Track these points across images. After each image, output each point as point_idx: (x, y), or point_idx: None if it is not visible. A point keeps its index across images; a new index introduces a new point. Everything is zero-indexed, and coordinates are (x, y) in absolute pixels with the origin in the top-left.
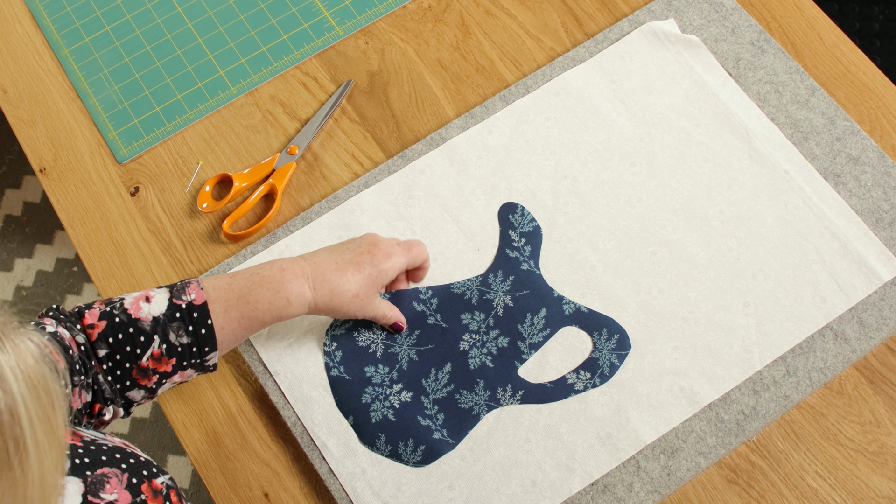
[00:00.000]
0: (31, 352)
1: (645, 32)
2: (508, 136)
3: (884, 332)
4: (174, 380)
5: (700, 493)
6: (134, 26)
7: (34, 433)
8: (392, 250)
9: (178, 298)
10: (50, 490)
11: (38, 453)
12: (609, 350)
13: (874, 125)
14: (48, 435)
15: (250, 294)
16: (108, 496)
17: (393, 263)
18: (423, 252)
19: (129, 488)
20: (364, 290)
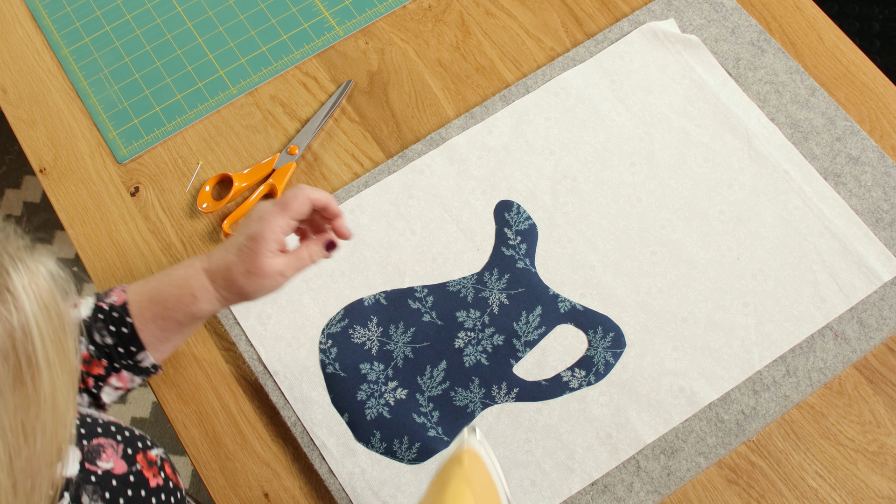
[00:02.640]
0: (43, 274)
1: (645, 32)
2: (508, 136)
3: (884, 332)
4: (114, 384)
5: (700, 493)
6: (134, 26)
7: (46, 352)
8: (263, 213)
9: (101, 301)
10: (62, 412)
11: (49, 373)
12: (604, 348)
13: (874, 125)
14: (60, 356)
15: (160, 293)
16: (104, 464)
17: (268, 224)
18: (301, 199)
19: (124, 458)
20: (250, 264)
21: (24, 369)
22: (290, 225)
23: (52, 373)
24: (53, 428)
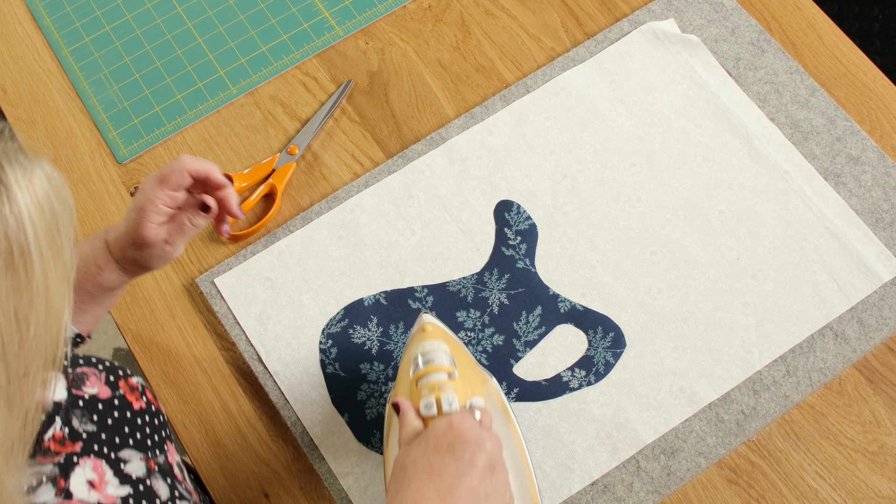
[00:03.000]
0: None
1: (645, 32)
2: (508, 136)
3: (884, 332)
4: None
5: (700, 493)
6: (134, 26)
7: (39, 245)
8: (145, 186)
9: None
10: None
11: (42, 265)
12: (604, 348)
13: (874, 125)
14: (53, 251)
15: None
16: (90, 389)
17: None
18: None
19: (107, 384)
20: (135, 235)
21: (16, 257)
22: (172, 196)
23: (44, 266)
24: (47, 320)
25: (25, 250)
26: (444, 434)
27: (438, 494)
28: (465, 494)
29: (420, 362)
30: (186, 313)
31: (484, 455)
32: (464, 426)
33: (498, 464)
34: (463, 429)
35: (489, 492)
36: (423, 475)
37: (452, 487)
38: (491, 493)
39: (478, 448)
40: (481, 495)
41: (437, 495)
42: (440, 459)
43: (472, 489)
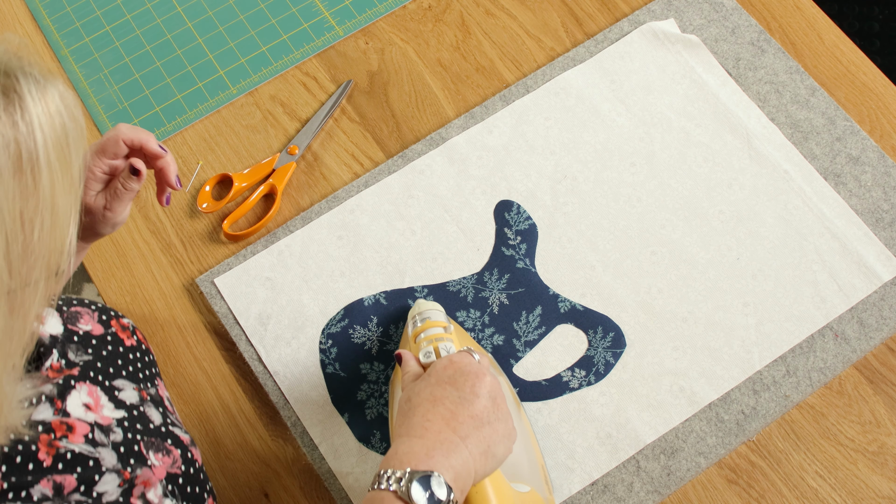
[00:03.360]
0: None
1: (645, 32)
2: (508, 136)
3: (884, 332)
4: None
5: (700, 493)
6: (134, 26)
7: (48, 154)
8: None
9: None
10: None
11: (49, 174)
12: (604, 348)
13: (874, 125)
14: (61, 163)
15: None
16: (84, 326)
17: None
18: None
19: (100, 322)
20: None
21: (25, 163)
22: (109, 164)
23: (52, 175)
24: (52, 228)
25: (34, 157)
26: (444, 368)
27: (442, 419)
28: (468, 419)
29: (417, 320)
30: (186, 313)
31: (484, 385)
32: (463, 361)
33: (498, 395)
34: (463, 363)
35: (491, 419)
36: (427, 404)
37: (455, 413)
38: (493, 420)
39: (478, 379)
40: (484, 421)
41: (441, 420)
42: (442, 390)
43: (475, 415)
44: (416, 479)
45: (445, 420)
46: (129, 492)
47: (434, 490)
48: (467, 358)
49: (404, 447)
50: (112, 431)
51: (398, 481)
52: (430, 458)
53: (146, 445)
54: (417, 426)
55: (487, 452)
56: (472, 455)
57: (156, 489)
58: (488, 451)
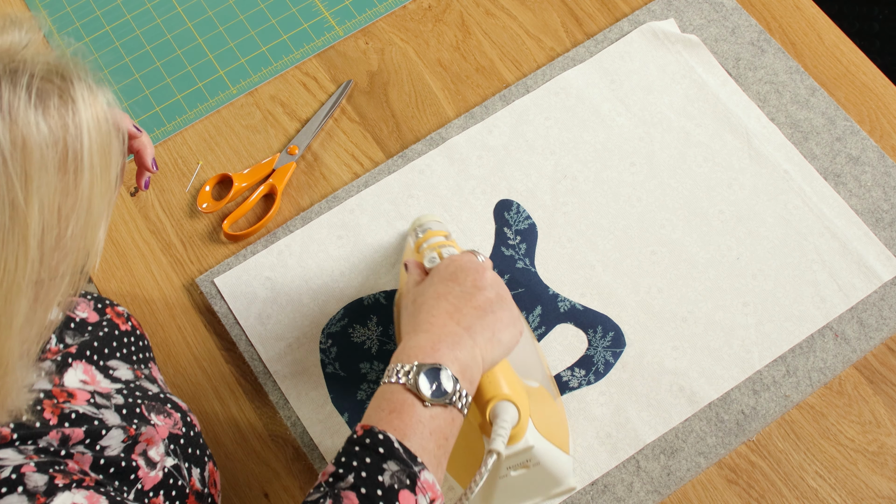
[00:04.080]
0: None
1: (645, 32)
2: (508, 135)
3: (884, 332)
4: None
5: (700, 493)
6: (134, 26)
7: (91, 157)
8: None
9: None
10: (95, 219)
11: (90, 175)
12: (604, 347)
13: (874, 125)
14: (102, 167)
15: None
16: (80, 314)
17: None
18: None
19: (96, 310)
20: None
21: (70, 162)
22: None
23: (92, 176)
24: (85, 226)
25: (79, 157)
26: (446, 267)
27: (447, 313)
28: (472, 311)
29: (419, 232)
30: (186, 313)
31: (486, 278)
32: (464, 259)
33: (501, 287)
34: (464, 260)
35: (495, 307)
36: (432, 301)
37: (459, 306)
38: (497, 309)
39: (478, 273)
40: (487, 310)
41: (446, 313)
42: (445, 286)
43: (478, 306)
44: (424, 372)
45: (449, 314)
46: (132, 448)
47: (441, 381)
48: (468, 256)
49: (412, 342)
50: (112, 397)
51: (406, 374)
52: (435, 351)
53: (147, 408)
54: (423, 322)
55: (493, 339)
56: (477, 344)
57: (158, 447)
58: (494, 338)
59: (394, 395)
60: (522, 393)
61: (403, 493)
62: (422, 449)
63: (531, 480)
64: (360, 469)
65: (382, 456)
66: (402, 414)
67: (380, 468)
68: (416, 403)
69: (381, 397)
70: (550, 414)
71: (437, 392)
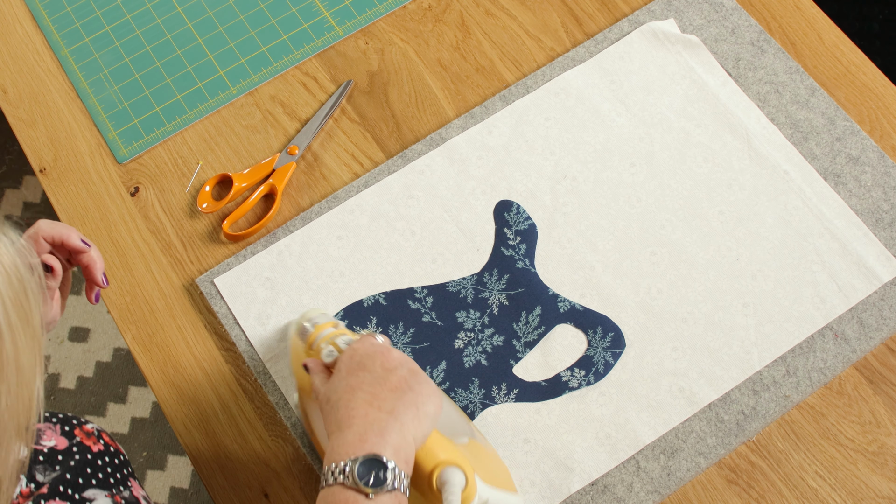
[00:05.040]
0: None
1: (645, 32)
2: (508, 136)
3: (884, 332)
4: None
5: (700, 493)
6: (134, 26)
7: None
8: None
9: None
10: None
11: (11, 335)
12: (604, 348)
13: (874, 125)
14: (21, 320)
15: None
16: (47, 443)
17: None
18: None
19: (63, 434)
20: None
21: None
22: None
23: (14, 335)
24: (18, 390)
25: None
26: (350, 358)
27: (365, 402)
28: (390, 394)
29: (308, 328)
30: (186, 313)
31: (393, 359)
32: (365, 344)
33: (409, 363)
34: (365, 346)
35: (411, 384)
36: (347, 395)
37: (376, 392)
38: (414, 385)
39: (385, 356)
40: (404, 389)
41: (365, 403)
42: (355, 377)
43: (395, 387)
44: (359, 465)
45: (368, 402)
46: None
47: (379, 470)
48: (368, 340)
49: (339, 440)
50: None
51: (343, 473)
52: (365, 442)
53: None
54: (344, 418)
55: (419, 414)
56: (404, 424)
57: None
58: (419, 413)
59: (336, 497)
60: (460, 453)
61: None
62: None
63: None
64: None
65: None
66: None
67: None
68: (360, 499)
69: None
70: (488, 462)
71: (377, 481)
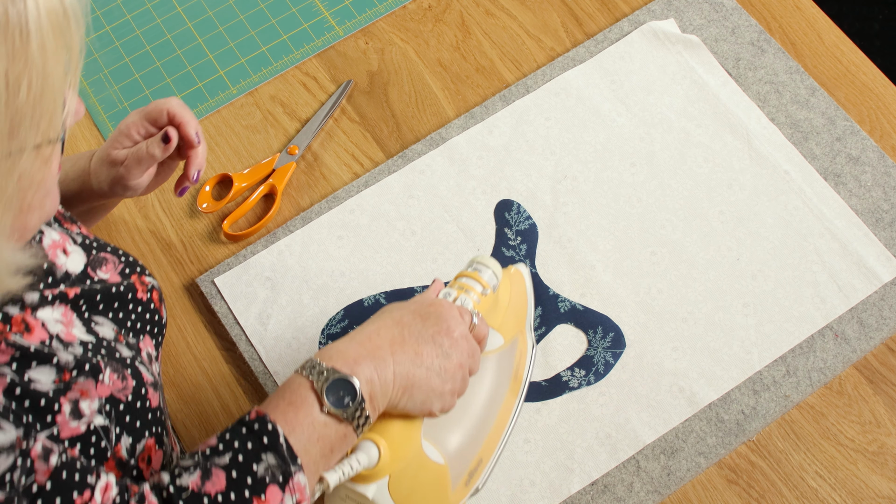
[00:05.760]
0: None
1: (645, 32)
2: (508, 136)
3: (884, 332)
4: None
5: (700, 493)
6: (134, 26)
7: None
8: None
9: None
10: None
11: (41, 40)
12: (604, 348)
13: (874, 125)
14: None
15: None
16: (103, 274)
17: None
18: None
19: (120, 274)
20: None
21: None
22: (147, 129)
23: (43, 42)
24: (40, 93)
25: (23, 22)
26: (428, 304)
27: (390, 339)
28: (412, 354)
29: (471, 267)
30: (186, 313)
31: (450, 342)
32: (450, 311)
33: (458, 359)
34: (446, 311)
35: (433, 368)
36: (389, 321)
37: (405, 341)
38: (433, 372)
39: (447, 332)
40: (425, 365)
41: (389, 339)
42: (411, 318)
43: (419, 353)
44: (334, 379)
45: (392, 341)
46: (63, 391)
47: (347, 395)
48: (457, 311)
49: (340, 346)
50: (71, 346)
51: (318, 374)
52: (356, 365)
53: (105, 363)
54: (365, 333)
55: (408, 390)
56: (394, 382)
57: (91, 402)
58: (409, 389)
59: (298, 388)
60: (403, 450)
61: (272, 487)
62: (304, 451)
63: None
64: (239, 452)
65: (265, 446)
66: (298, 410)
67: (258, 457)
68: (315, 405)
69: (286, 386)
70: (426, 493)
71: (338, 402)
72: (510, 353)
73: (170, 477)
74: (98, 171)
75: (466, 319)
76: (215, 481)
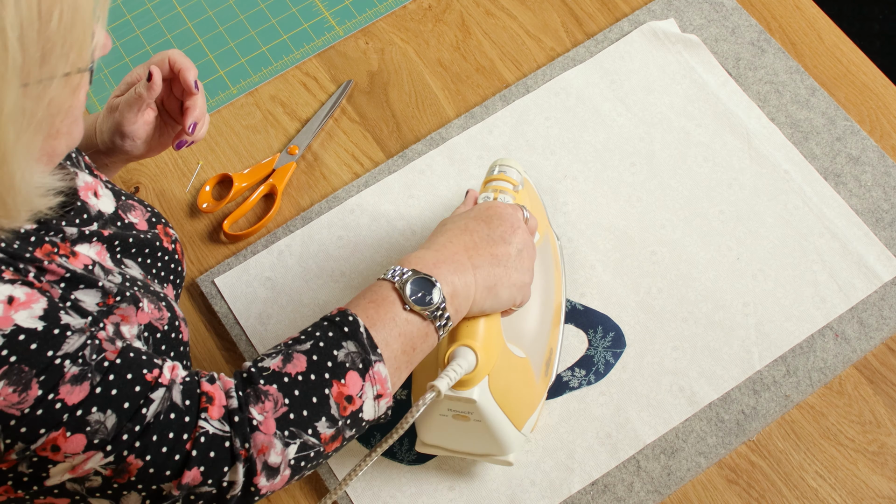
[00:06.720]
0: None
1: (645, 32)
2: (508, 135)
3: (884, 332)
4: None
5: (700, 493)
6: (134, 26)
7: None
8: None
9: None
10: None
11: None
12: (604, 348)
13: (874, 125)
14: None
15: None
16: (133, 218)
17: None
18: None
19: (147, 222)
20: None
21: None
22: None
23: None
24: (71, 23)
25: None
26: (486, 208)
27: (463, 245)
28: (487, 255)
29: (495, 169)
30: (186, 313)
31: (515, 235)
32: (507, 210)
33: (526, 250)
34: (504, 210)
35: (509, 264)
36: (456, 230)
37: (478, 245)
38: (510, 267)
39: (511, 229)
40: (501, 262)
41: (463, 247)
42: (476, 223)
43: (494, 254)
44: (416, 279)
45: (465, 247)
46: (106, 314)
47: (429, 293)
48: (512, 209)
49: (418, 254)
50: (111, 275)
51: (400, 275)
52: (436, 268)
53: (142, 294)
54: (438, 243)
55: (492, 290)
56: (476, 283)
57: (131, 328)
58: (493, 289)
59: (380, 289)
60: (494, 350)
61: (352, 374)
62: (385, 343)
63: (469, 433)
64: (320, 340)
65: (345, 334)
66: (379, 307)
67: (338, 344)
68: (397, 303)
69: (368, 289)
70: (519, 387)
71: (420, 300)
72: (546, 247)
73: (252, 362)
74: (102, 123)
75: (520, 215)
76: (296, 363)
